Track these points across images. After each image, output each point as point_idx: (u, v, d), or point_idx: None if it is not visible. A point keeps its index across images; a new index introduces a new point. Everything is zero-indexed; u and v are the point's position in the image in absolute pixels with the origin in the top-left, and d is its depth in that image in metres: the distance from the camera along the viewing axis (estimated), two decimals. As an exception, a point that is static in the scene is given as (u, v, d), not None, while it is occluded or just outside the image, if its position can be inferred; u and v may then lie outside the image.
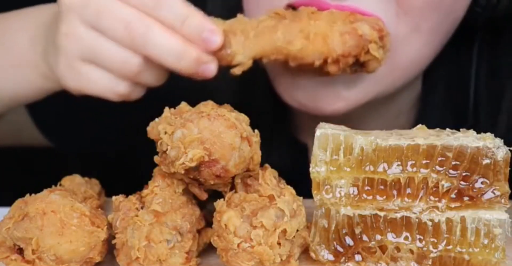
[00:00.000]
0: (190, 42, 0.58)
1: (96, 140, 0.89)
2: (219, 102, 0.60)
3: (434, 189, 0.56)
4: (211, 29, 0.58)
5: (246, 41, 0.61)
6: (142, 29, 0.58)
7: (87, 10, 0.59)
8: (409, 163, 0.56)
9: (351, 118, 0.71)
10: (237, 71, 0.61)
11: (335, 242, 0.57)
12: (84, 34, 0.60)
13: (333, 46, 0.61)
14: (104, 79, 0.61)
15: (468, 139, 0.56)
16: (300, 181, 0.59)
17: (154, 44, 0.58)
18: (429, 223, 0.56)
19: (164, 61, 0.59)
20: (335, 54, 0.61)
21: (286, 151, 0.83)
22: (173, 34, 0.58)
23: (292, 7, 0.66)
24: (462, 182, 0.56)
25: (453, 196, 0.56)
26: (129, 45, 0.59)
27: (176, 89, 0.76)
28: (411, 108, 0.82)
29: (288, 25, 0.62)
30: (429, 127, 0.60)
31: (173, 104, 0.60)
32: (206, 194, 0.59)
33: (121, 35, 0.58)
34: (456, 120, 0.80)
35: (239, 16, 0.63)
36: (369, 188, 0.57)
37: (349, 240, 0.57)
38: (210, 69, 0.60)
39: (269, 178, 0.57)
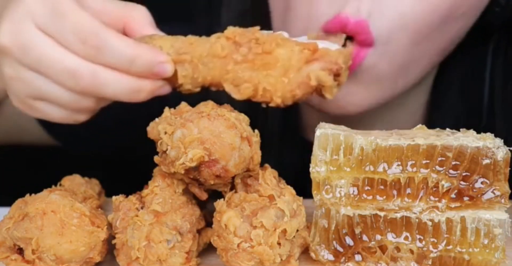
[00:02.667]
0: (143, 77, 0.58)
1: (99, 138, 0.89)
2: (230, 104, 0.60)
3: (434, 189, 0.56)
4: (160, 61, 0.58)
5: (194, 73, 0.60)
6: (89, 77, 0.57)
7: (26, 56, 0.57)
8: (409, 163, 0.56)
9: (360, 125, 0.71)
10: (184, 92, 0.62)
11: (335, 242, 0.57)
12: (29, 79, 0.58)
13: (281, 101, 0.60)
14: (60, 113, 0.61)
15: (468, 139, 0.56)
16: (309, 182, 0.59)
17: (105, 89, 0.57)
18: (429, 223, 0.56)
19: (119, 99, 0.59)
20: (282, 105, 0.61)
21: (297, 151, 0.83)
22: (123, 74, 0.57)
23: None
24: (462, 182, 0.56)
25: (453, 196, 0.56)
26: (79, 92, 0.58)
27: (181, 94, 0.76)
28: (421, 116, 0.82)
29: (239, 66, 0.59)
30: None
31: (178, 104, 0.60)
32: (206, 194, 0.59)
33: (68, 84, 0.57)
34: (470, 122, 0.80)
35: (189, 37, 0.61)
36: (369, 188, 0.57)
37: (349, 240, 0.57)
38: (166, 90, 0.61)
39: (269, 178, 0.57)
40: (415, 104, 0.81)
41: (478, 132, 0.58)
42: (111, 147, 0.89)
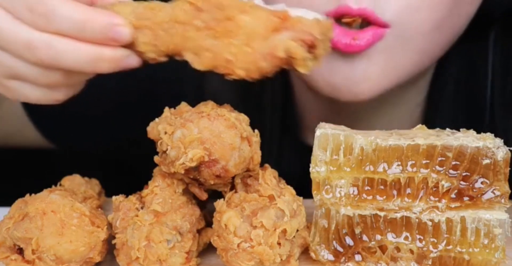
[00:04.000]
0: (101, 44, 0.55)
1: (95, 139, 0.89)
2: (231, 104, 0.59)
3: (434, 189, 0.56)
4: (115, 24, 0.54)
5: (155, 40, 0.55)
6: (45, 48, 0.54)
7: None
8: (409, 163, 0.56)
9: (358, 124, 0.71)
10: (151, 62, 0.57)
11: (335, 242, 0.57)
12: None
13: (244, 74, 0.54)
14: (35, 92, 0.58)
15: (468, 139, 0.56)
16: (309, 182, 0.59)
17: (63, 59, 0.54)
18: (429, 223, 0.56)
19: (81, 70, 0.55)
20: (248, 78, 0.54)
21: (296, 154, 0.83)
22: (79, 42, 0.54)
23: None
24: (462, 182, 0.56)
25: (453, 196, 0.56)
26: (40, 64, 0.56)
27: (181, 92, 0.76)
28: (419, 114, 0.82)
29: (201, 33, 0.54)
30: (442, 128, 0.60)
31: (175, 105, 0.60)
32: (206, 194, 0.59)
33: (26, 56, 0.55)
34: (469, 120, 0.80)
35: (152, 1, 0.56)
36: (369, 188, 0.57)
37: (349, 240, 0.57)
38: (133, 61, 0.56)
39: (269, 178, 0.57)
40: (413, 103, 0.81)
41: (479, 129, 0.58)
42: (105, 145, 0.89)
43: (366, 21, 0.65)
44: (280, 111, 0.83)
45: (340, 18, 0.66)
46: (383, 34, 0.66)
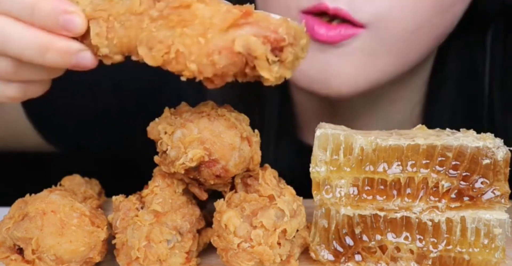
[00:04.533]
0: (53, 33, 0.51)
1: (96, 140, 0.89)
2: (230, 104, 0.59)
3: (434, 189, 0.56)
4: (67, 10, 0.50)
5: (109, 33, 0.50)
6: None
7: None
8: (409, 163, 0.56)
9: (357, 122, 0.71)
10: (106, 62, 0.52)
11: (335, 242, 0.57)
12: None
13: (196, 68, 0.48)
14: None
15: (468, 139, 0.56)
16: (309, 182, 0.59)
17: (9, 43, 0.51)
18: (429, 223, 0.56)
19: (28, 58, 0.51)
20: (201, 76, 0.49)
21: (296, 154, 0.83)
22: (28, 26, 0.51)
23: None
24: (462, 182, 0.56)
25: (453, 196, 0.56)
26: None
27: (181, 92, 0.76)
28: (418, 111, 0.82)
29: (155, 23, 0.49)
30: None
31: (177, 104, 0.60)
32: (206, 194, 0.59)
33: None
34: (468, 120, 0.80)
35: None
36: (369, 188, 0.57)
37: (349, 240, 0.57)
38: (87, 58, 0.52)
39: (269, 178, 0.57)
40: (411, 101, 0.81)
41: (479, 128, 0.58)
42: (105, 146, 0.89)
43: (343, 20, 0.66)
44: (278, 111, 0.83)
45: (320, 15, 0.67)
46: (355, 34, 0.66)
